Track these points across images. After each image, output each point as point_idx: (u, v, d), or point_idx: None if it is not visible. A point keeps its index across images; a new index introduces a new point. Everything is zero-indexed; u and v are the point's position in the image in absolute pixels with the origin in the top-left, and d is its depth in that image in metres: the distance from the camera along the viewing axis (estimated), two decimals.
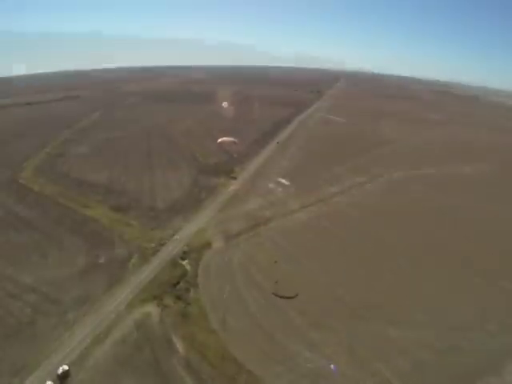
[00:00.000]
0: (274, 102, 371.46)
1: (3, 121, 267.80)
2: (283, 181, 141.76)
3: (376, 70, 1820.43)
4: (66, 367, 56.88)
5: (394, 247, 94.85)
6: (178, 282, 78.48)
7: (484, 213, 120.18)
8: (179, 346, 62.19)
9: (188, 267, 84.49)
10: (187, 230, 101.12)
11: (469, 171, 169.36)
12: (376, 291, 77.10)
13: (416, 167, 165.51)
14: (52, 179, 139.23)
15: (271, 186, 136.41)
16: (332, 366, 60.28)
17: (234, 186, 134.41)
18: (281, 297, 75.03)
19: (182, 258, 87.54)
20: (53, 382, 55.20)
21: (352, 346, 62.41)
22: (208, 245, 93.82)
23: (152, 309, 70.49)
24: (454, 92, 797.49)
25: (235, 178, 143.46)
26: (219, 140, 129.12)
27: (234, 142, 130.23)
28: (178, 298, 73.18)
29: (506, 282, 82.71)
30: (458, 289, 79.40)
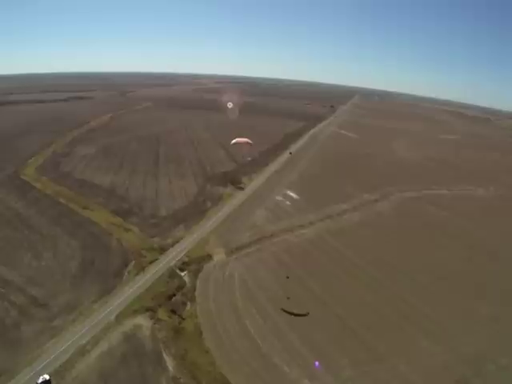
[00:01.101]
0: (286, 114, 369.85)
1: (14, 117, 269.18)
2: (292, 194, 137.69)
3: (390, 89, 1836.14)
4: (47, 377, 53.70)
5: (404, 272, 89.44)
6: (174, 295, 74.25)
7: (498, 238, 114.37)
8: (169, 363, 57.73)
9: (186, 279, 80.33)
10: (188, 240, 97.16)
11: (482, 193, 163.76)
12: (383, 318, 72.02)
13: (428, 187, 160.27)
14: (55, 178, 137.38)
15: (279, 198, 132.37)
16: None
17: (240, 197, 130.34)
18: (292, 314, 70.65)
19: (181, 269, 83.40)
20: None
21: (354, 378, 57.41)
22: (209, 257, 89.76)
23: (144, 321, 66.22)
24: (466, 113, 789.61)
25: (242, 189, 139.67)
26: (233, 141, 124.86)
27: (249, 143, 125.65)
28: (173, 311, 68.91)
29: None
30: (469, 318, 73.92)
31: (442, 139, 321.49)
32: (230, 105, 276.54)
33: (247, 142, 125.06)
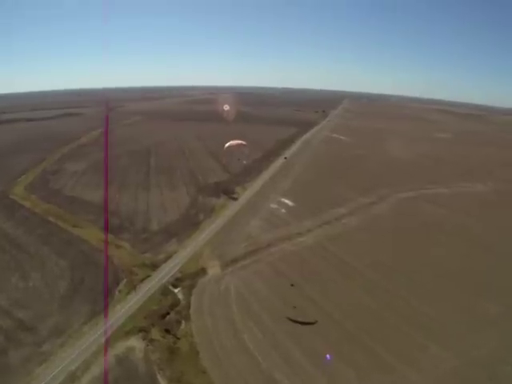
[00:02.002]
0: (277, 121, 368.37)
1: (4, 135, 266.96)
2: (287, 201, 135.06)
3: (376, 91, 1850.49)
4: None
5: (405, 275, 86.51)
6: (168, 313, 70.94)
7: (496, 232, 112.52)
8: None
9: (180, 296, 77.17)
10: (181, 255, 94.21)
11: (480, 189, 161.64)
12: (387, 325, 68.99)
13: (425, 187, 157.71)
14: (44, 196, 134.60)
15: (274, 206, 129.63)
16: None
17: (234, 207, 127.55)
18: (298, 322, 68.08)
19: (174, 286, 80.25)
20: None
21: None
22: (203, 271, 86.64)
23: (136, 343, 62.95)
24: (458, 111, 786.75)
25: (236, 199, 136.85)
26: (227, 144, 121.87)
27: (243, 145, 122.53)
28: (167, 331, 65.62)
29: None
30: (474, 316, 71.32)
31: (435, 137, 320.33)
32: (226, 107, 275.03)
33: (241, 144, 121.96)
